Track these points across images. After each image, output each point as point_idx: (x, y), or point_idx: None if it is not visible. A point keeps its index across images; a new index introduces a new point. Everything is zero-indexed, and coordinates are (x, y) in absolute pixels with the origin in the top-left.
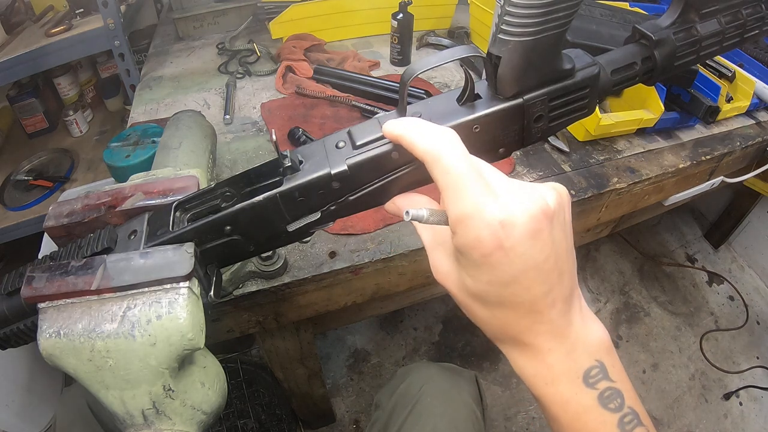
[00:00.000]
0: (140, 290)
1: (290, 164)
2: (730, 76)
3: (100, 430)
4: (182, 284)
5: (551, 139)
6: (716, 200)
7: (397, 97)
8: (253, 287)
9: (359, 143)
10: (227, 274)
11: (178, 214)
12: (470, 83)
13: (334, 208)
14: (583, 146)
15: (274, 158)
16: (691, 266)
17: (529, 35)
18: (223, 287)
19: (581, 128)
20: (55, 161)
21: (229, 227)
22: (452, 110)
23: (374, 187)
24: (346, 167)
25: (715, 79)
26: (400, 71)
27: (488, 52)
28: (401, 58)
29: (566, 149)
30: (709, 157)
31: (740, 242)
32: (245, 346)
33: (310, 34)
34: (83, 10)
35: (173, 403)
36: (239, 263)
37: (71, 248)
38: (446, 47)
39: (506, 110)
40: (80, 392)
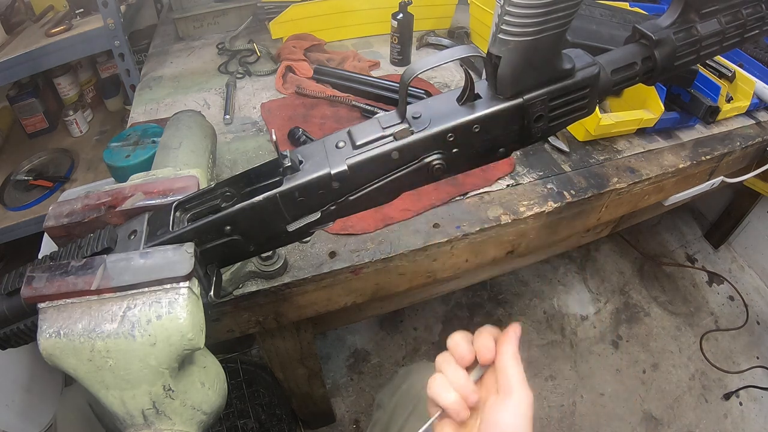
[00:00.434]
0: (140, 290)
1: (290, 164)
2: (730, 76)
3: (100, 430)
4: (182, 284)
5: (551, 139)
6: (716, 200)
7: (397, 97)
8: (253, 287)
9: (359, 143)
10: (227, 274)
11: (178, 214)
12: (470, 83)
13: (334, 208)
14: (583, 146)
15: (274, 158)
16: (691, 266)
17: (529, 35)
18: (223, 287)
19: (581, 128)
20: (55, 161)
21: (229, 227)
22: (452, 110)
23: (374, 187)
24: (346, 167)
25: (715, 79)
26: (400, 71)
27: (488, 52)
28: (401, 58)
29: (566, 149)
30: (709, 157)
31: (740, 242)
32: (245, 346)
33: (310, 34)
34: (83, 10)
35: (173, 403)
36: (239, 263)
37: (71, 248)
38: (446, 47)
39: (506, 110)
40: (80, 392)
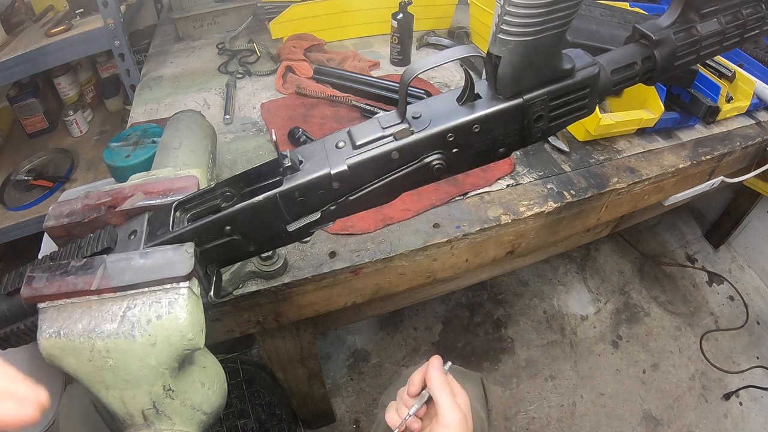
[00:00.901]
0: (140, 290)
1: (290, 164)
2: (730, 76)
3: (100, 430)
4: (182, 284)
5: (551, 139)
6: (716, 200)
7: (397, 97)
8: (253, 287)
9: (359, 143)
10: (227, 274)
11: (178, 214)
12: (470, 83)
13: (334, 208)
14: (583, 146)
15: (274, 158)
16: (691, 266)
17: (529, 35)
18: (223, 287)
19: (581, 128)
20: (55, 161)
21: (229, 227)
22: (452, 110)
23: (374, 187)
24: (346, 167)
25: (715, 79)
26: (400, 71)
27: (488, 52)
28: (401, 58)
29: (566, 149)
30: (709, 157)
31: (740, 242)
32: (245, 346)
33: (310, 34)
34: (83, 10)
35: (173, 403)
36: (239, 263)
37: (71, 248)
38: (446, 47)
39: (506, 110)
40: (81, 392)
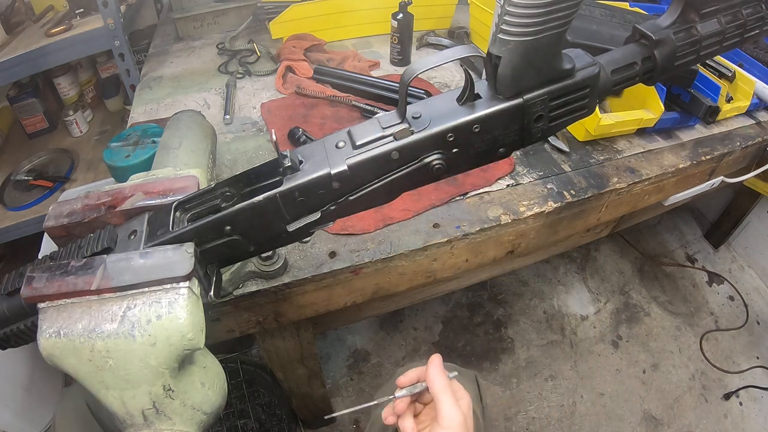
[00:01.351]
0: (140, 290)
1: (290, 164)
2: (730, 76)
3: (99, 430)
4: (182, 284)
5: (551, 139)
6: (716, 200)
7: (397, 97)
8: (253, 287)
9: (359, 143)
10: (227, 274)
11: (178, 214)
12: (470, 83)
13: (334, 208)
14: (583, 146)
15: (274, 158)
16: (691, 266)
17: (529, 35)
18: (223, 287)
19: (581, 128)
20: (55, 161)
21: (229, 227)
22: (452, 110)
23: (374, 187)
24: (346, 167)
25: (715, 79)
26: (400, 71)
27: (488, 52)
28: (401, 58)
29: (566, 149)
30: (709, 157)
31: (740, 242)
32: (245, 346)
33: (310, 34)
34: (83, 10)
35: (173, 403)
36: (239, 263)
37: (71, 248)
38: (446, 47)
39: (506, 110)
40: (79, 392)
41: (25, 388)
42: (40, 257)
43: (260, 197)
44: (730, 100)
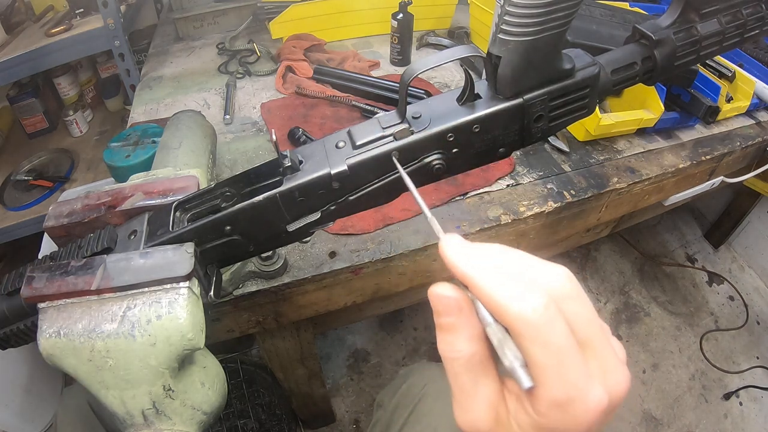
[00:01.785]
0: (140, 290)
1: (290, 164)
2: (730, 76)
3: (100, 430)
4: (182, 284)
5: (551, 139)
6: (716, 200)
7: (397, 97)
8: (253, 287)
9: (359, 143)
10: (227, 274)
11: (178, 214)
12: (470, 83)
13: (334, 208)
14: (583, 146)
15: (274, 158)
16: (691, 266)
17: (529, 35)
18: (223, 287)
19: (581, 128)
20: (55, 161)
21: (229, 227)
22: (452, 110)
23: (374, 187)
24: (346, 167)
25: (715, 79)
26: (400, 71)
27: (488, 52)
28: (401, 58)
29: (566, 149)
30: (709, 157)
31: (740, 242)
32: (245, 346)
33: (310, 34)
34: (83, 10)
35: (173, 403)
36: (239, 263)
37: (71, 248)
38: (446, 47)
39: (506, 110)
40: (80, 392)
41: (25, 388)
42: (40, 257)
43: (260, 197)
44: (730, 100)
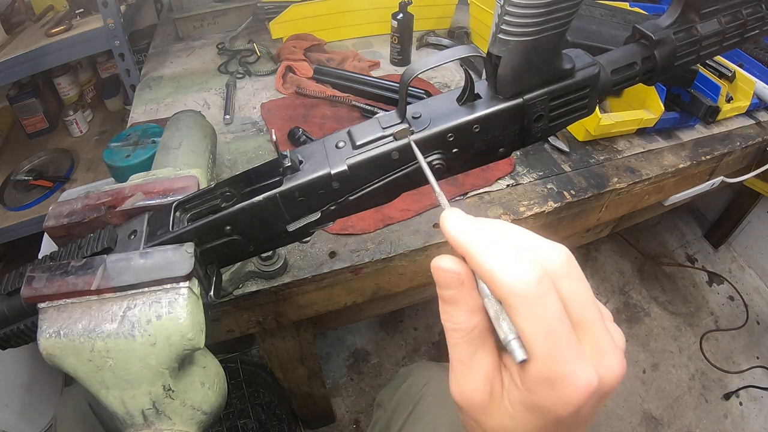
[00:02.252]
0: (140, 290)
1: (290, 164)
2: (730, 76)
3: (100, 430)
4: (182, 284)
5: (551, 139)
6: (716, 200)
7: (397, 97)
8: (253, 287)
9: (359, 143)
10: (227, 274)
11: (178, 214)
12: (470, 83)
13: (334, 208)
14: (583, 146)
15: (274, 158)
16: (691, 266)
17: (529, 35)
18: (223, 287)
19: (581, 128)
20: (55, 161)
21: (229, 227)
22: (452, 110)
23: (374, 187)
24: (346, 167)
25: (715, 79)
26: (400, 71)
27: (488, 52)
28: (401, 58)
29: (566, 149)
30: (709, 157)
31: (740, 242)
32: (245, 346)
33: (310, 34)
34: (83, 10)
35: (173, 403)
36: (239, 263)
37: (71, 248)
38: (446, 47)
39: (506, 110)
40: (80, 392)
41: (25, 388)
42: (40, 257)
43: (260, 197)
44: (730, 100)
